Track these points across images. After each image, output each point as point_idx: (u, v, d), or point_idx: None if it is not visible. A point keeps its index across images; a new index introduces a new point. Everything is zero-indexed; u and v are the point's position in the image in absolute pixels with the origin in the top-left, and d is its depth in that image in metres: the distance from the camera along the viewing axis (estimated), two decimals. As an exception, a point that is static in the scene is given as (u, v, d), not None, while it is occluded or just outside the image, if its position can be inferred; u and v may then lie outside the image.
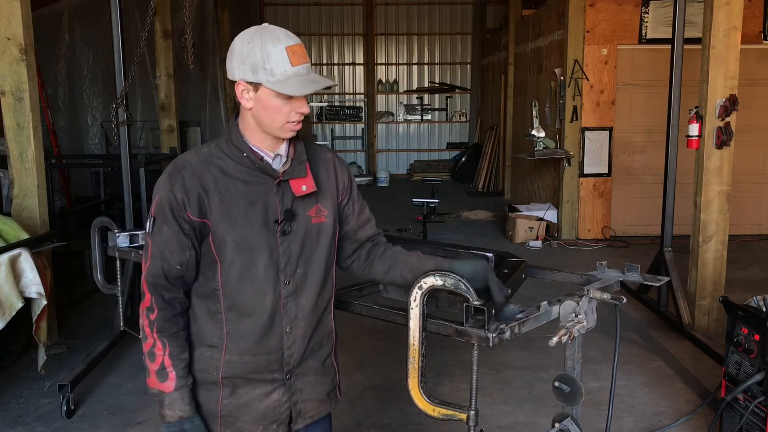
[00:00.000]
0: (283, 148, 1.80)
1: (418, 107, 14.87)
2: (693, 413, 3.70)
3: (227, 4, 11.17)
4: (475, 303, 1.82)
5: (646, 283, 2.43)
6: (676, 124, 5.01)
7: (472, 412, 1.89)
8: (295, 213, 1.79)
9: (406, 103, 14.89)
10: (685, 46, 4.95)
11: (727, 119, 4.64)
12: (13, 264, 3.79)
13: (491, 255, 2.52)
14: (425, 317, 1.89)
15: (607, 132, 7.90)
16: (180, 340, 1.75)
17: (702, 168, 4.74)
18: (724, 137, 4.65)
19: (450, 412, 1.91)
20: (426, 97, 14.88)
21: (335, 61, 14.74)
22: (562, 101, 7.95)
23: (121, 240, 3.20)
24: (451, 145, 14.84)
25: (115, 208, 6.99)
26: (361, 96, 14.83)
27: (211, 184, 1.71)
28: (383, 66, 14.81)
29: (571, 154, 7.85)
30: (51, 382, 4.05)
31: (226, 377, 1.79)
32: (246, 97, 1.70)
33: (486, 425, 3.47)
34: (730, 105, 4.62)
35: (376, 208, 9.16)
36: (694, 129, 4.74)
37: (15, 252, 3.84)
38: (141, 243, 3.12)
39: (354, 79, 14.84)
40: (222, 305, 1.76)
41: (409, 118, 14.86)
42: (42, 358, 4.03)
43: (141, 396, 3.91)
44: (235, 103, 1.73)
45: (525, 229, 7.95)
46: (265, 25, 1.72)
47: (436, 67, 14.86)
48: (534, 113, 7.76)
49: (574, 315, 2.01)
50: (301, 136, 1.86)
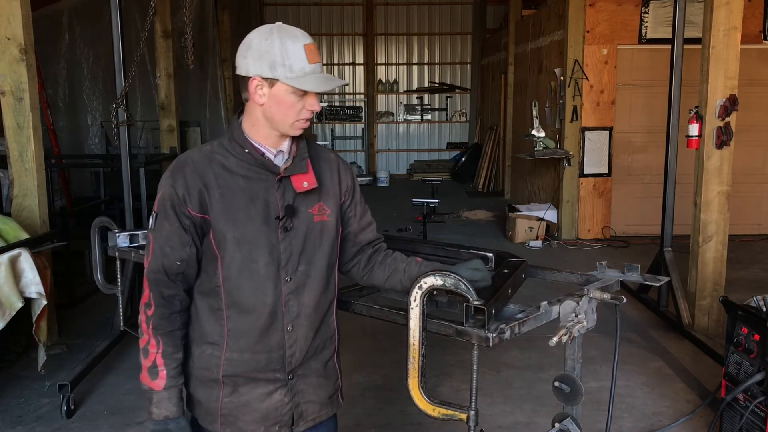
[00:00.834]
0: (285, 145, 1.81)
1: (418, 107, 14.87)
2: (693, 413, 3.70)
3: (227, 4, 11.17)
4: (475, 303, 1.82)
5: (646, 283, 2.43)
6: (676, 124, 5.01)
7: (472, 412, 1.89)
8: (296, 209, 1.78)
9: (406, 103, 14.89)
10: (685, 46, 4.95)
11: (727, 119, 4.65)
12: (13, 264, 3.79)
13: (491, 255, 2.52)
14: (425, 317, 1.89)
15: (607, 132, 7.90)
16: (175, 339, 1.75)
17: (702, 168, 4.74)
18: (724, 137, 4.65)
19: (450, 412, 1.91)
20: (426, 97, 14.88)
21: (335, 61, 14.74)
22: (562, 101, 7.95)
23: (121, 240, 3.20)
24: (451, 145, 14.84)
25: (115, 208, 6.99)
26: (361, 96, 14.84)
27: (212, 180, 1.72)
28: (383, 66, 14.81)
29: (571, 154, 7.85)
30: (51, 382, 4.05)
31: (226, 375, 1.79)
32: (260, 93, 1.71)
33: (486, 425, 3.47)
34: (730, 105, 4.62)
35: (376, 208, 9.14)
36: (694, 129, 4.74)
37: (15, 252, 3.84)
38: (141, 243, 3.13)
39: (354, 79, 14.83)
40: (223, 302, 1.76)
41: (409, 118, 14.86)
42: (42, 358, 4.03)
43: (141, 396, 3.88)
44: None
45: (525, 229, 7.95)
46: (280, 23, 1.74)
47: (436, 67, 14.86)
48: (534, 113, 7.76)
49: (574, 315, 2.01)
50: (305, 136, 1.86)
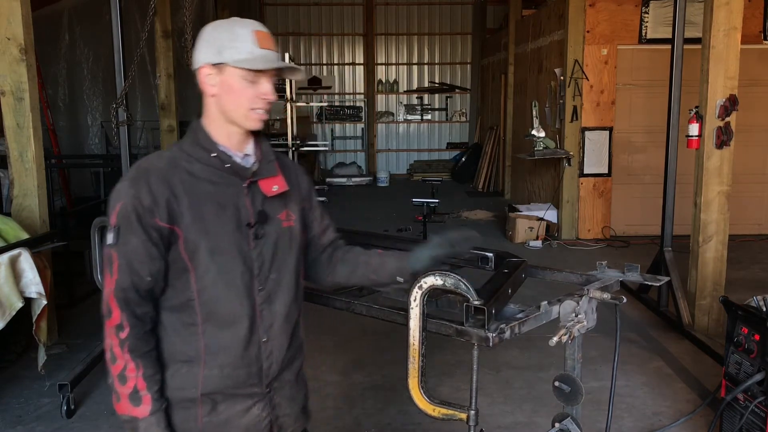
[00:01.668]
0: (250, 148, 1.73)
1: (418, 107, 14.87)
2: (693, 413, 3.70)
3: (227, 4, 11.18)
4: (475, 303, 1.82)
5: (646, 283, 2.44)
6: (676, 124, 5.01)
7: (472, 412, 1.89)
8: (268, 215, 1.72)
9: (406, 103, 14.89)
10: (685, 46, 4.95)
11: (727, 119, 4.64)
12: (13, 264, 3.79)
13: (491, 255, 2.52)
14: (425, 317, 1.89)
15: (607, 132, 7.90)
16: (153, 359, 1.64)
17: (702, 168, 4.74)
18: (724, 137, 4.65)
19: (450, 412, 1.91)
20: (426, 97, 14.88)
21: (335, 61, 14.74)
22: (562, 101, 7.95)
23: (121, 240, 3.19)
24: (451, 145, 14.84)
25: (115, 208, 6.96)
26: (361, 96, 14.83)
27: (180, 188, 1.62)
28: (383, 66, 14.80)
29: (571, 154, 7.85)
30: (51, 382, 4.05)
31: (205, 393, 1.69)
32: (210, 83, 1.64)
33: (486, 425, 3.47)
34: (730, 105, 4.62)
35: (376, 208, 9.12)
36: (694, 129, 4.74)
37: (15, 252, 3.84)
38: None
39: (354, 79, 14.83)
40: (198, 316, 1.66)
41: (409, 118, 14.86)
42: (42, 358, 4.03)
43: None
44: (203, 99, 1.67)
45: (525, 229, 7.95)
46: (236, 17, 1.72)
47: (436, 67, 14.86)
48: (534, 113, 7.75)
49: (574, 315, 2.01)
50: (263, 135, 1.80)
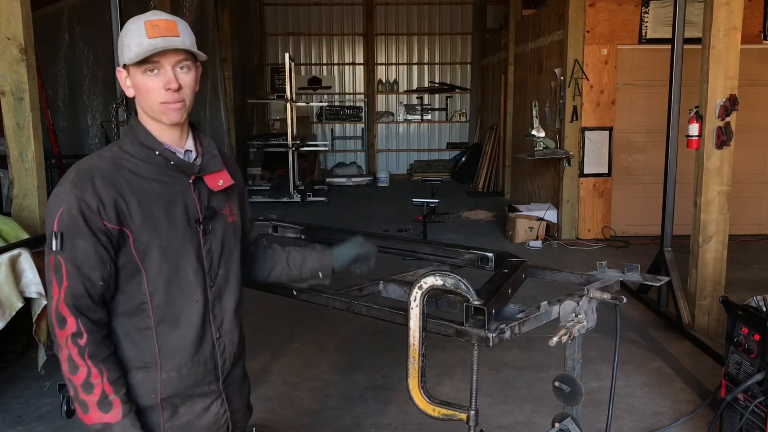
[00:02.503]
0: (190, 143, 1.70)
1: (418, 107, 14.87)
2: (693, 413, 3.70)
3: (227, 4, 11.18)
4: (475, 303, 1.82)
5: (646, 283, 2.44)
6: (676, 124, 5.01)
7: (472, 412, 1.89)
8: (215, 210, 1.71)
9: (406, 103, 14.89)
10: (685, 46, 4.95)
11: (727, 119, 4.64)
12: (13, 264, 3.79)
13: (491, 255, 2.52)
14: (425, 317, 1.89)
15: (607, 132, 7.90)
16: (114, 364, 1.60)
17: (702, 168, 4.74)
18: (724, 137, 4.65)
19: (450, 412, 1.91)
20: (426, 97, 14.88)
21: (335, 61, 14.74)
22: (562, 101, 7.95)
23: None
24: (451, 145, 14.84)
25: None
26: (361, 96, 14.83)
27: (127, 189, 1.58)
28: (383, 66, 14.81)
29: (571, 154, 7.85)
30: (51, 382, 4.05)
31: (165, 398, 1.66)
32: (127, 86, 1.63)
33: (486, 425, 3.46)
34: (730, 105, 4.61)
35: (376, 208, 9.14)
36: (694, 129, 4.74)
37: (15, 252, 3.84)
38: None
39: (354, 79, 14.84)
40: (152, 319, 1.62)
41: (409, 118, 14.86)
42: (42, 358, 4.02)
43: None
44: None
45: (525, 229, 7.94)
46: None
47: (436, 67, 14.86)
48: (534, 113, 7.75)
49: (574, 315, 2.01)
50: (198, 129, 1.76)
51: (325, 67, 14.73)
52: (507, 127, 11.18)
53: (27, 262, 3.87)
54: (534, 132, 7.70)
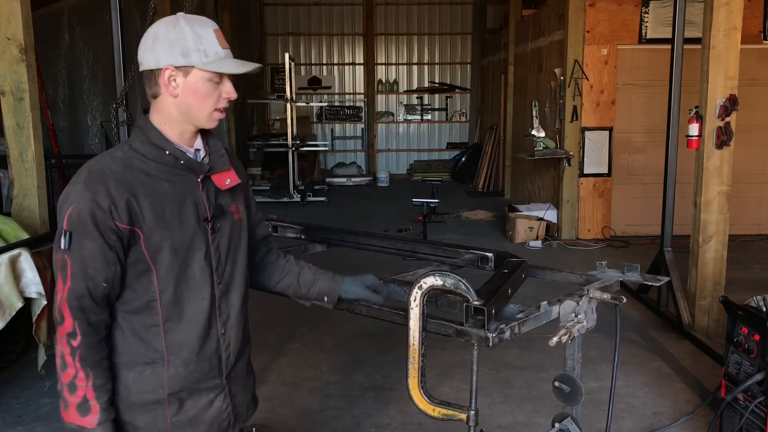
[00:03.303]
0: (199, 143, 1.73)
1: (418, 107, 14.87)
2: (693, 413, 3.70)
3: (227, 4, 11.18)
4: (475, 303, 1.82)
5: (646, 283, 2.44)
6: (676, 124, 5.01)
7: (472, 412, 1.89)
8: (223, 208, 1.74)
9: (406, 103, 14.89)
10: (685, 46, 4.95)
11: (727, 119, 4.64)
12: (13, 264, 3.79)
13: (491, 255, 2.52)
14: (425, 317, 1.89)
15: (607, 132, 7.90)
16: (104, 369, 1.61)
17: (702, 168, 4.74)
18: (724, 137, 4.65)
19: (450, 412, 1.91)
20: (426, 97, 14.88)
21: (335, 61, 14.74)
22: (562, 101, 7.95)
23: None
24: (451, 145, 14.84)
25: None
26: (361, 96, 14.83)
27: (139, 189, 1.60)
28: (383, 66, 14.81)
29: (571, 154, 7.85)
30: (51, 382, 4.04)
31: (171, 393, 1.69)
32: (173, 84, 1.62)
33: (486, 425, 3.46)
34: (730, 105, 4.62)
35: (376, 208, 9.12)
36: (694, 129, 4.74)
37: (15, 252, 3.84)
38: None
39: (354, 79, 14.84)
40: (160, 316, 1.65)
41: (409, 118, 14.86)
42: (42, 358, 4.02)
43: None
44: (150, 96, 1.64)
45: (525, 229, 7.95)
46: (181, 13, 1.66)
47: (436, 67, 14.86)
48: (534, 113, 7.75)
49: (574, 315, 2.01)
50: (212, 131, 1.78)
51: (325, 67, 14.73)
52: (507, 127, 11.18)
53: (27, 262, 3.87)
54: (534, 132, 7.70)
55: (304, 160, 12.68)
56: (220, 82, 1.65)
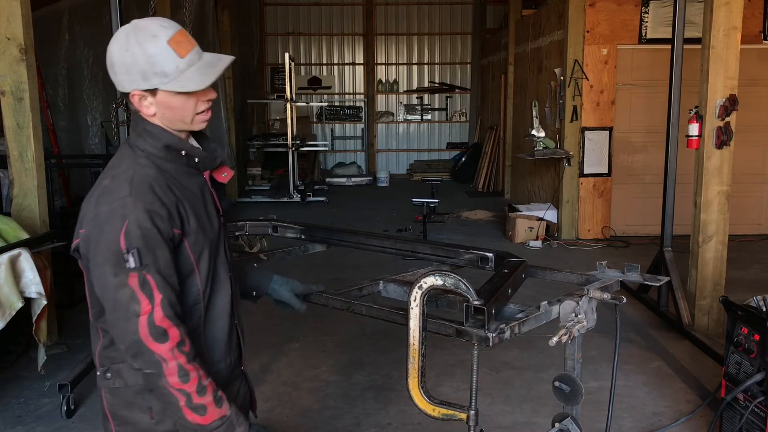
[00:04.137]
0: (192, 139, 1.73)
1: (418, 107, 14.87)
2: (693, 413, 3.70)
3: (227, 4, 11.16)
4: (475, 303, 1.82)
5: (646, 283, 2.43)
6: (676, 124, 5.01)
7: (472, 412, 1.89)
8: (224, 202, 1.79)
9: (406, 103, 14.89)
10: (685, 46, 4.95)
11: (727, 119, 4.64)
12: (13, 264, 3.79)
13: (491, 255, 2.52)
14: (425, 317, 1.89)
15: (607, 132, 7.90)
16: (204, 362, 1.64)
17: (702, 168, 4.74)
18: (724, 137, 4.65)
19: (450, 412, 1.91)
20: (426, 97, 14.88)
21: (335, 61, 14.74)
22: (562, 101, 7.95)
23: (121, 240, 3.19)
24: (451, 145, 14.84)
25: (115, 208, 6.96)
26: (361, 96, 14.83)
27: (178, 192, 1.60)
28: (383, 66, 14.81)
29: (571, 154, 7.85)
30: (51, 382, 4.05)
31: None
32: (146, 105, 1.58)
33: (486, 425, 3.47)
34: (730, 105, 4.62)
35: (376, 208, 9.11)
36: (694, 129, 4.74)
37: (15, 252, 3.84)
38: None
39: (354, 79, 14.84)
40: (202, 318, 1.66)
41: (409, 118, 14.86)
42: (42, 358, 4.03)
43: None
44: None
45: (525, 229, 7.95)
46: (135, 22, 1.57)
47: (436, 67, 14.86)
48: (534, 113, 7.75)
49: (574, 315, 2.01)
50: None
51: (325, 67, 14.73)
52: (507, 127, 11.18)
53: (27, 262, 3.88)
54: (534, 132, 7.70)
55: (304, 160, 12.68)
56: (192, 91, 1.58)
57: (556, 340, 1.93)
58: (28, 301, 3.89)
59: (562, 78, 7.94)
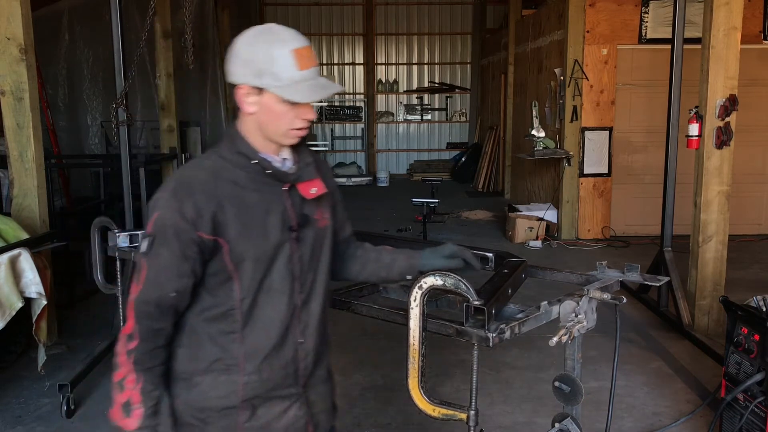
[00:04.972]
0: (287, 152, 1.73)
1: (418, 107, 14.87)
2: (693, 413, 3.70)
3: (227, 4, 11.17)
4: (475, 303, 1.82)
5: (646, 283, 2.44)
6: (676, 124, 5.01)
7: (472, 412, 1.89)
8: (308, 217, 1.72)
9: (406, 103, 14.89)
10: (685, 46, 4.95)
11: (727, 119, 4.64)
12: (13, 264, 3.79)
13: (491, 255, 2.52)
14: (425, 317, 1.89)
15: (607, 132, 7.90)
16: (155, 375, 1.62)
17: (702, 168, 4.74)
18: (724, 137, 4.65)
19: (450, 412, 1.91)
20: (426, 97, 14.88)
21: (335, 61, 14.74)
22: (562, 101, 7.95)
23: (121, 240, 3.21)
24: (451, 145, 14.84)
25: (115, 208, 6.99)
26: (361, 96, 14.83)
27: (225, 199, 1.61)
28: (383, 66, 14.80)
29: (571, 154, 7.85)
30: (51, 382, 4.05)
31: (245, 399, 1.69)
32: (248, 102, 1.62)
33: (486, 425, 3.47)
34: (730, 105, 4.62)
35: (376, 208, 9.10)
36: (694, 129, 4.74)
37: (15, 252, 3.84)
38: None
39: (354, 79, 14.83)
40: (239, 324, 1.66)
41: (409, 118, 14.86)
42: (42, 358, 4.03)
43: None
44: (235, 105, 1.65)
45: (525, 229, 7.95)
46: (271, 25, 1.63)
47: (436, 67, 14.86)
48: (534, 113, 7.76)
49: (574, 315, 2.01)
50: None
51: (325, 67, 14.72)
52: (507, 127, 11.18)
53: (27, 262, 3.88)
54: (534, 132, 7.71)
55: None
56: (297, 103, 1.62)
57: (556, 340, 1.93)
58: (28, 301, 3.89)
59: (562, 78, 7.94)
